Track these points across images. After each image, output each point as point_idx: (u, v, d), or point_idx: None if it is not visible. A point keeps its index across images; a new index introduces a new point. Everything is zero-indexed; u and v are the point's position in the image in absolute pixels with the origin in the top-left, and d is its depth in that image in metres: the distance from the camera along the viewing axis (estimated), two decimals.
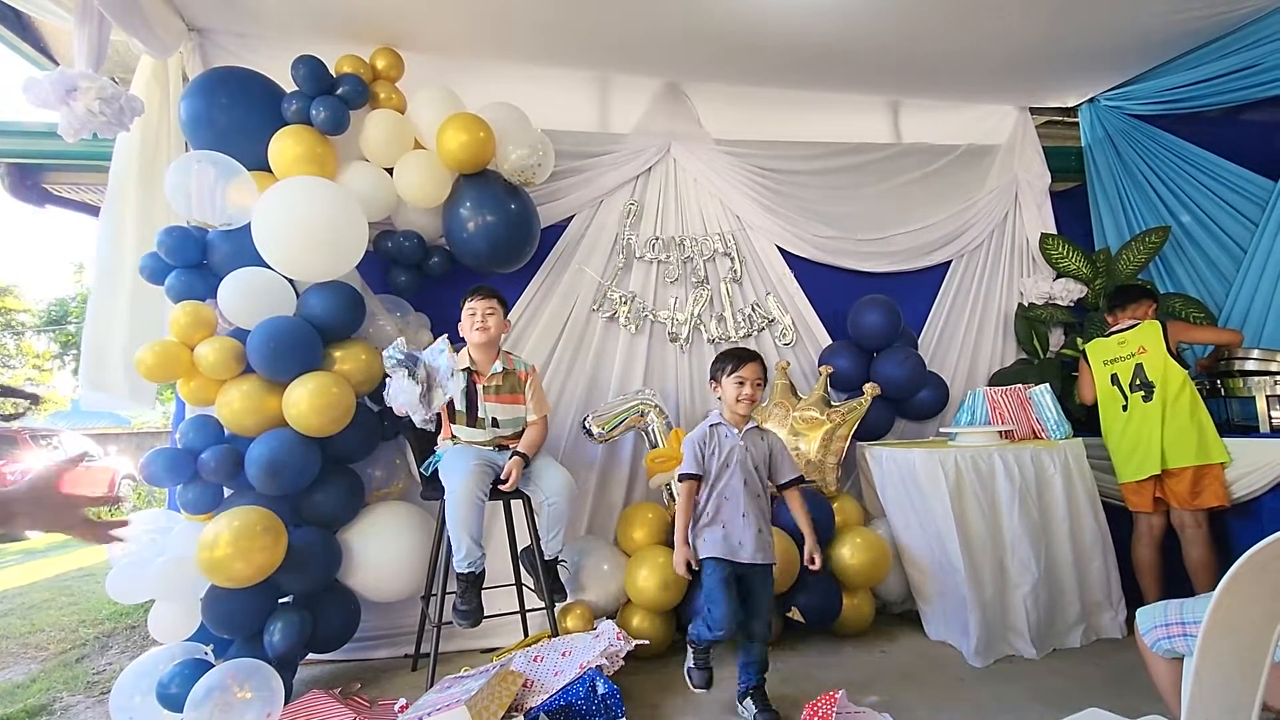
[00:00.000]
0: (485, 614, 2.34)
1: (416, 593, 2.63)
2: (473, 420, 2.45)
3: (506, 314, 2.60)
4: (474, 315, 2.47)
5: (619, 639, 2.32)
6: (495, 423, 2.47)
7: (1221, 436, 2.63)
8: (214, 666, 2.10)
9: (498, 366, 2.50)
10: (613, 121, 3.47)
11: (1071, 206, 4.05)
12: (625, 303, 3.27)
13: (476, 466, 2.27)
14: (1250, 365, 2.90)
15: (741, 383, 2.15)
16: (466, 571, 2.29)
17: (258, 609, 2.26)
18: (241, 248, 2.45)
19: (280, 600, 2.35)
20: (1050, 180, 3.94)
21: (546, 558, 2.47)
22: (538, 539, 2.45)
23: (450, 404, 2.44)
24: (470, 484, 2.22)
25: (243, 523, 2.15)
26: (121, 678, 2.20)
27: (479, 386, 2.47)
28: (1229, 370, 2.95)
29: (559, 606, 2.58)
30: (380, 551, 2.56)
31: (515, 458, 2.41)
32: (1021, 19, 3.01)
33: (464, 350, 2.52)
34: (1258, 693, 0.61)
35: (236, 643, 2.26)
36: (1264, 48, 3.12)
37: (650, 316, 3.31)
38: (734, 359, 2.19)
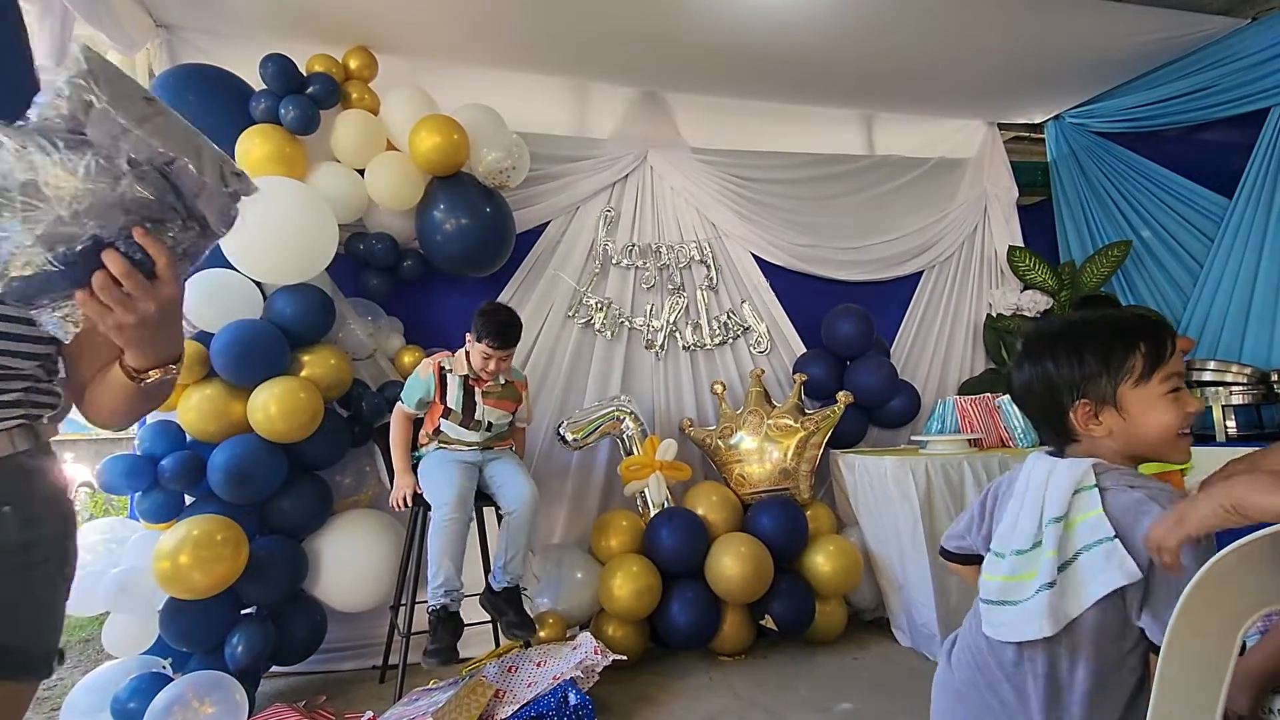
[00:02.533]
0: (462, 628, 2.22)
1: (385, 603, 2.57)
2: (469, 422, 2.38)
3: None
4: (488, 360, 2.31)
5: (596, 653, 2.29)
6: (490, 426, 2.42)
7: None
8: (173, 680, 2.03)
9: (500, 379, 2.43)
10: (590, 127, 3.47)
11: (1038, 220, 4.16)
12: (601, 309, 3.26)
13: (466, 482, 2.19)
14: (1207, 376, 2.99)
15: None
16: (440, 605, 2.09)
17: (219, 621, 2.19)
18: None
19: (243, 611, 2.28)
20: (1017, 194, 4.05)
21: (505, 585, 2.27)
22: (495, 563, 2.30)
23: (445, 402, 2.36)
24: (459, 505, 2.13)
25: (201, 532, 2.09)
26: (72, 694, 2.12)
27: (479, 390, 2.40)
28: (1186, 381, 3.04)
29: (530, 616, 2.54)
30: (348, 560, 2.51)
31: None
32: (990, 39, 3.10)
33: (461, 356, 2.41)
34: (1220, 694, 0.63)
35: (196, 656, 2.19)
36: (1217, 70, 3.25)
37: (626, 323, 3.31)
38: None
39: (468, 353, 2.38)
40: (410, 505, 2.32)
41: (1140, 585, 0.82)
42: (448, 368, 2.39)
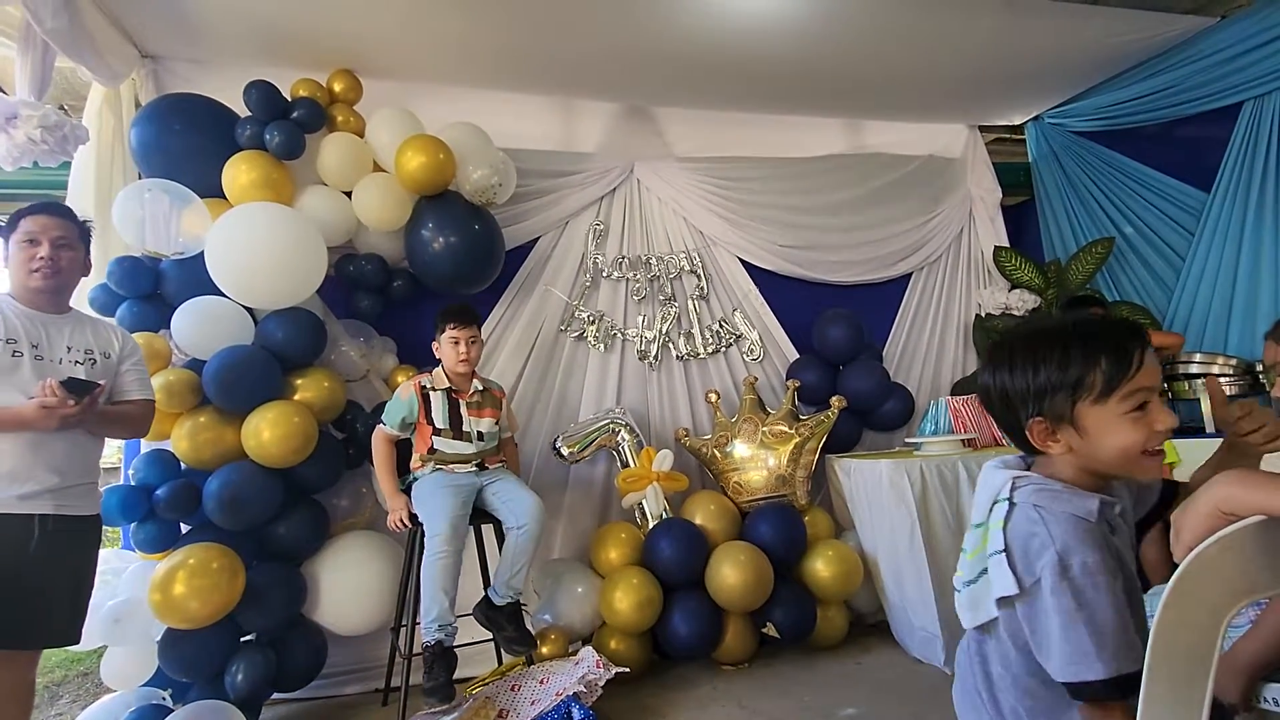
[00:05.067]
0: (459, 647, 2.21)
1: (386, 624, 2.56)
2: (458, 434, 2.37)
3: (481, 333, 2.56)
4: (457, 344, 2.36)
5: (598, 666, 2.28)
6: (480, 436, 2.41)
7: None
8: (173, 711, 2.01)
9: (477, 385, 2.46)
10: (577, 142, 3.49)
11: (1022, 220, 4.21)
12: (593, 322, 3.27)
13: (460, 510, 2.18)
14: (1194, 369, 3.03)
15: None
16: (435, 640, 2.04)
17: (218, 649, 2.17)
18: (195, 276, 2.39)
19: (242, 639, 2.27)
20: (1001, 195, 4.10)
21: (507, 601, 2.25)
22: (495, 580, 2.30)
23: (432, 420, 2.36)
24: (453, 529, 2.12)
25: (196, 560, 2.08)
26: None
27: (462, 402, 2.41)
28: (1174, 374, 3.07)
29: (532, 633, 2.54)
30: (347, 583, 2.50)
31: None
32: (967, 43, 3.15)
33: (438, 371, 2.44)
34: (1207, 684, 0.64)
35: (196, 686, 2.17)
36: (1189, 68, 3.32)
37: (619, 335, 3.32)
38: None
39: (442, 364, 2.42)
40: (410, 525, 2.31)
41: (1023, 602, 0.86)
42: (429, 385, 2.39)
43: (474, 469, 2.39)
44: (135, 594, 2.15)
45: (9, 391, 1.67)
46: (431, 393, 2.38)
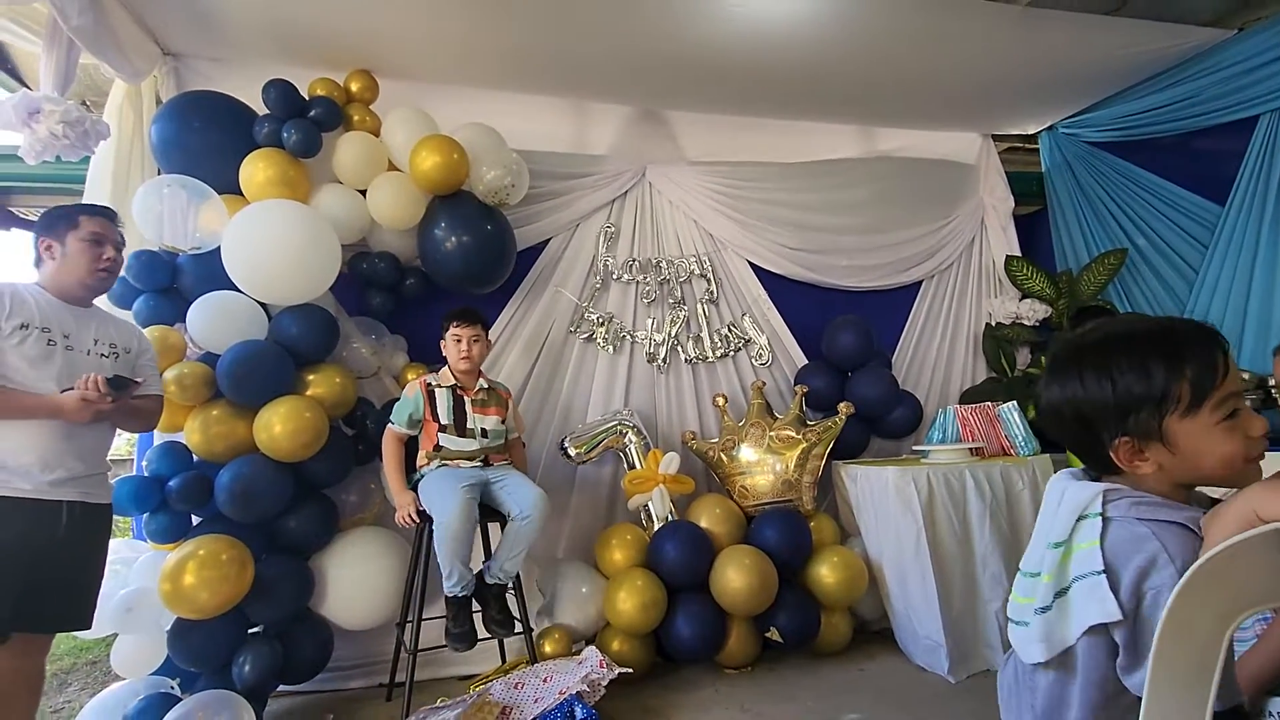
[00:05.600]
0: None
1: (392, 619, 2.58)
2: (462, 431, 2.44)
3: (487, 335, 2.61)
4: (460, 342, 2.45)
5: (601, 666, 2.29)
6: (484, 433, 2.47)
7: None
8: (181, 700, 2.03)
9: (483, 384, 2.54)
10: (589, 144, 3.51)
11: (1034, 229, 4.19)
12: (602, 324, 3.29)
13: (466, 496, 2.22)
14: None
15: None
16: (461, 595, 2.27)
17: (226, 640, 2.20)
18: (211, 271, 2.42)
19: (250, 630, 2.29)
20: (1013, 204, 4.08)
21: (497, 582, 2.35)
22: (492, 560, 2.37)
23: (437, 418, 2.43)
24: (462, 515, 2.18)
25: (206, 552, 2.10)
26: (81, 715, 2.12)
27: (467, 400, 2.47)
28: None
29: (535, 631, 2.55)
30: (354, 578, 2.52)
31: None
32: (983, 53, 3.15)
33: (445, 369, 2.52)
34: (1210, 694, 0.64)
35: (204, 675, 2.20)
36: (1206, 79, 3.30)
37: (628, 337, 3.33)
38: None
39: (448, 362, 2.51)
40: (418, 521, 2.34)
41: (1124, 627, 0.78)
42: (434, 383, 2.47)
43: (479, 465, 2.42)
44: (146, 583, 2.17)
45: (43, 379, 1.72)
46: (437, 390, 2.45)
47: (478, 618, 2.37)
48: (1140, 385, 0.81)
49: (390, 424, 2.47)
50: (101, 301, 2.03)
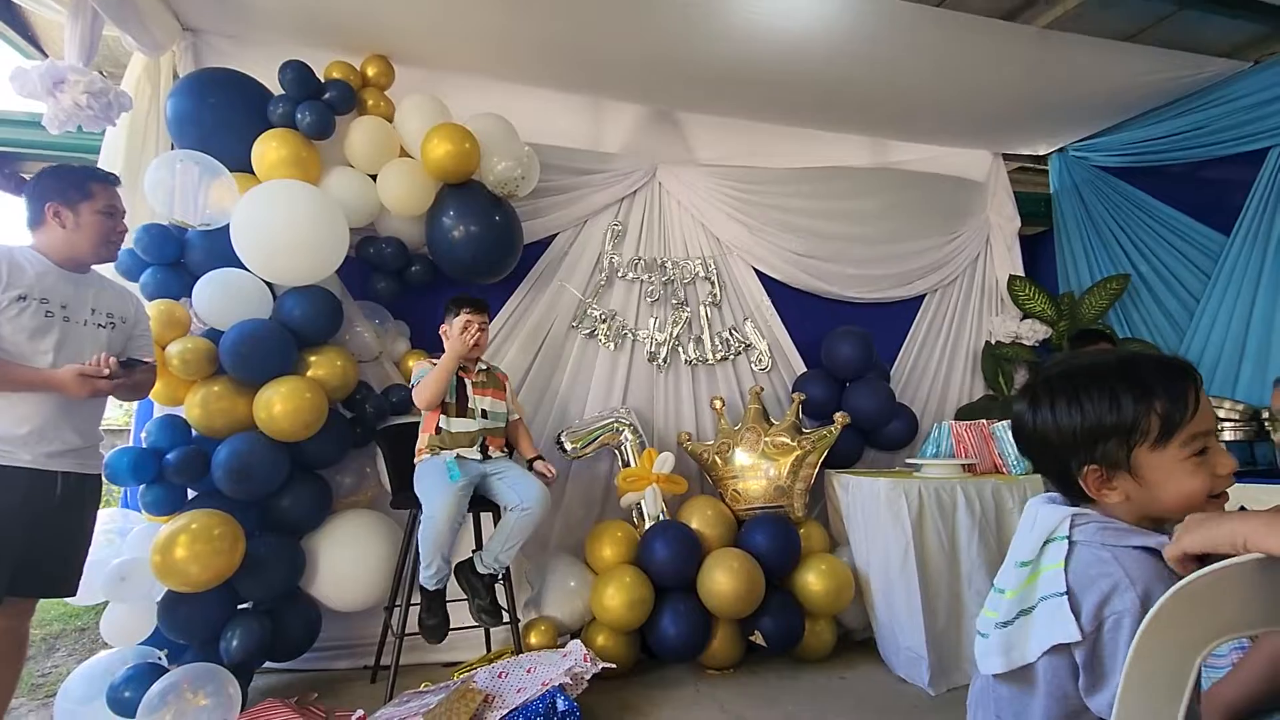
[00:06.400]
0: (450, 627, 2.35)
1: (380, 603, 2.60)
2: (463, 410, 2.48)
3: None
4: (469, 326, 2.47)
5: (586, 660, 2.31)
6: (484, 413, 2.50)
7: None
8: (168, 671, 2.05)
9: (481, 365, 2.59)
10: (602, 142, 3.53)
11: (1039, 250, 4.21)
12: (605, 320, 3.30)
13: (459, 495, 2.25)
14: None
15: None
16: (434, 588, 2.32)
17: (215, 615, 2.21)
18: (219, 248, 2.43)
19: (239, 606, 2.31)
20: (1020, 224, 4.10)
21: (489, 572, 2.38)
22: (485, 549, 2.39)
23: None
24: (451, 510, 2.21)
25: (199, 526, 2.11)
26: (68, 681, 2.14)
27: (468, 381, 2.51)
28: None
29: (522, 622, 2.57)
30: (345, 559, 2.54)
31: (540, 461, 2.57)
32: (998, 73, 3.16)
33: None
34: (1179, 717, 0.66)
35: (192, 648, 2.21)
36: (1218, 110, 3.32)
37: (629, 335, 3.35)
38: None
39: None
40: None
41: (1084, 648, 0.78)
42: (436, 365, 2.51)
43: (478, 452, 2.44)
44: (140, 553, 2.19)
45: (40, 351, 1.73)
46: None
47: (460, 607, 2.41)
48: (1110, 415, 0.83)
49: (412, 386, 2.50)
50: (110, 273, 2.05)
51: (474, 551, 2.45)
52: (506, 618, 2.43)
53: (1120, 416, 0.82)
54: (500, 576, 2.42)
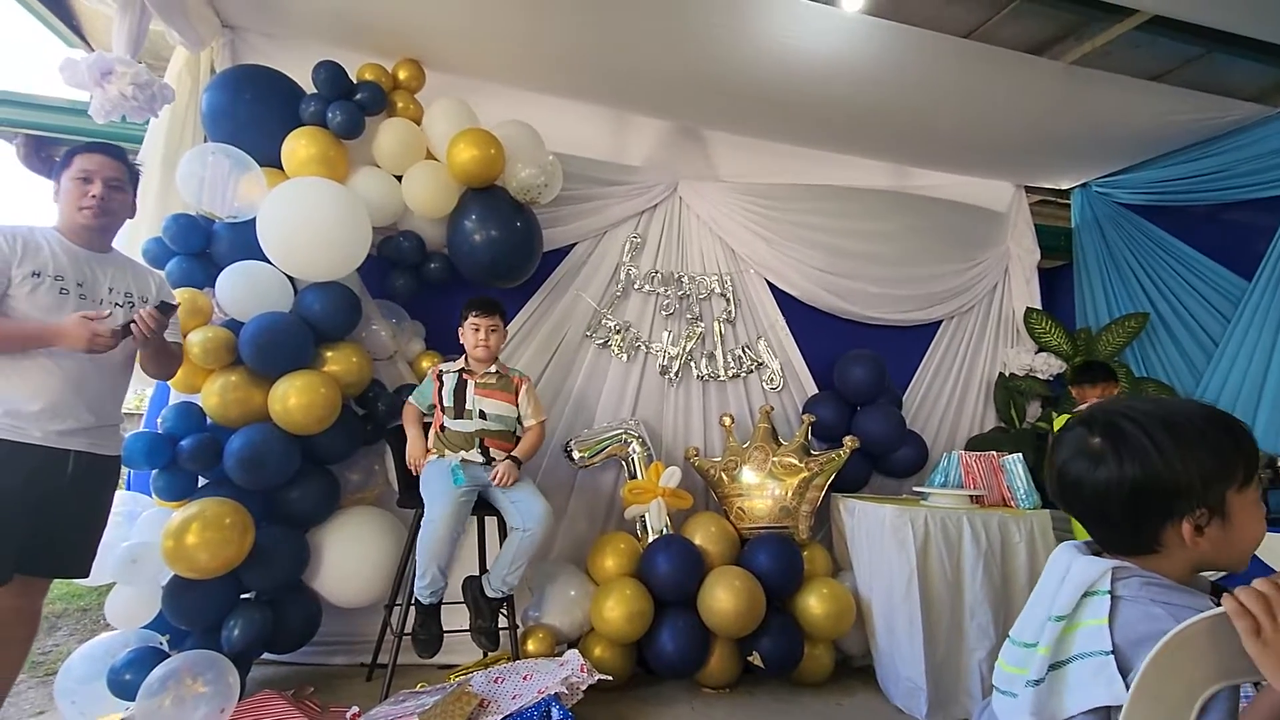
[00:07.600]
0: (445, 630, 2.36)
1: (380, 601, 2.60)
2: (460, 412, 2.48)
3: (505, 326, 2.67)
4: (477, 331, 2.52)
5: (582, 670, 2.30)
6: (483, 414, 2.50)
7: None
8: (169, 656, 2.07)
9: (493, 369, 2.59)
10: (625, 154, 3.55)
11: (1057, 284, 4.19)
12: (619, 331, 3.32)
13: (460, 502, 2.26)
14: None
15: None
16: (428, 603, 2.30)
17: (219, 603, 2.23)
18: (244, 240, 2.48)
19: (242, 596, 2.33)
20: (1039, 256, 4.09)
21: (501, 594, 2.38)
22: (491, 571, 2.41)
23: (442, 399, 2.50)
24: (450, 521, 2.22)
25: (211, 513, 2.14)
26: (69, 660, 2.15)
27: (471, 382, 2.52)
28: None
29: (520, 629, 2.57)
30: (349, 555, 2.55)
31: (508, 460, 2.43)
32: (1025, 106, 3.18)
33: (461, 359, 2.60)
34: None
35: (194, 635, 2.23)
36: (1244, 153, 3.31)
37: (643, 347, 3.36)
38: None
39: (464, 350, 2.60)
40: (420, 470, 2.45)
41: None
42: (445, 369, 2.57)
43: (478, 454, 2.44)
44: (149, 537, 2.21)
45: None
46: (445, 375, 2.54)
47: (459, 610, 2.41)
48: (1216, 458, 0.82)
49: (410, 401, 2.60)
50: (134, 252, 2.07)
51: (482, 574, 2.48)
52: (503, 641, 2.46)
53: (1220, 460, 0.81)
54: (503, 600, 2.43)
